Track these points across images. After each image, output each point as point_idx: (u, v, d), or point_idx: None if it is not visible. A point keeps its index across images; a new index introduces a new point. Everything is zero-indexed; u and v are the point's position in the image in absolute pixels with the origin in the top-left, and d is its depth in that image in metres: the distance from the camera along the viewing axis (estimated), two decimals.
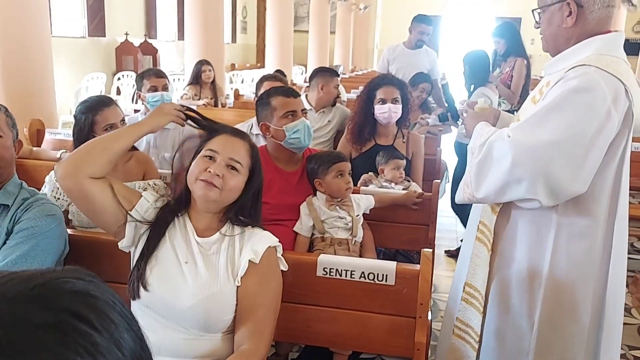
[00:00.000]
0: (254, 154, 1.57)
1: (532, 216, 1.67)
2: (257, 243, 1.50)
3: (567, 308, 1.67)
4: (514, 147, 1.53)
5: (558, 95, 1.54)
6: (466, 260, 1.84)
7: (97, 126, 2.25)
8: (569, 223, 1.62)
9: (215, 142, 1.53)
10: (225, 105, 5.61)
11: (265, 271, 1.49)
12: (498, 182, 1.58)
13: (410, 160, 2.97)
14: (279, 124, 2.23)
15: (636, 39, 12.84)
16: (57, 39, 7.26)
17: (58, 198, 2.25)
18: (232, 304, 1.46)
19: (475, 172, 1.64)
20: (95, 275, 0.55)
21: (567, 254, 1.64)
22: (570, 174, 1.51)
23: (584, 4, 1.60)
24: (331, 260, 1.68)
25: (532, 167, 1.51)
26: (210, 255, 1.50)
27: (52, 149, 3.31)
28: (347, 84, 7.60)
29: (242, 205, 1.55)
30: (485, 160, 1.62)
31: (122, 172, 2.36)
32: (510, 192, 1.58)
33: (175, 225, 1.55)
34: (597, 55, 1.58)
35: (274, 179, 2.24)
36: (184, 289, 1.45)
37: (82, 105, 2.31)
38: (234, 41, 15.41)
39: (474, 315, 1.77)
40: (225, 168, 1.49)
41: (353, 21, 15.35)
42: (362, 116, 2.97)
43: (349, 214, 2.23)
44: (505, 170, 1.55)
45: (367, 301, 1.64)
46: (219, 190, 1.48)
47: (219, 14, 6.74)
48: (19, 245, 1.56)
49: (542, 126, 1.52)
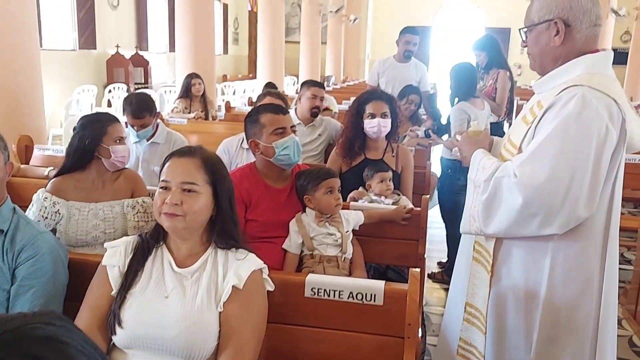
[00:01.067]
0: (209, 166, 1.51)
1: (528, 238, 1.67)
2: (241, 267, 1.49)
3: (565, 328, 1.67)
4: (524, 187, 1.54)
5: (557, 125, 1.54)
6: (462, 279, 1.84)
7: (107, 137, 2.27)
8: (566, 244, 1.62)
9: (165, 171, 1.50)
10: (216, 118, 5.60)
11: (249, 295, 1.47)
12: (509, 220, 1.59)
13: (400, 174, 2.97)
14: (268, 140, 2.23)
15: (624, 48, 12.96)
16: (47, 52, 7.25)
17: (46, 217, 2.23)
18: (216, 331, 1.45)
19: (483, 209, 1.65)
20: (67, 320, 0.54)
21: (563, 274, 1.64)
22: (582, 201, 1.52)
23: (571, 24, 1.61)
24: (319, 280, 1.67)
25: (544, 204, 1.52)
26: (192, 283, 1.49)
27: (40, 165, 3.29)
28: (338, 95, 7.63)
29: (222, 222, 1.53)
30: (494, 199, 1.62)
31: (110, 190, 2.36)
32: (523, 230, 1.59)
33: (153, 259, 1.53)
34: (588, 74, 1.59)
35: (262, 195, 2.24)
36: (166, 321, 1.43)
37: (89, 117, 2.35)
38: (226, 52, 15.45)
39: (477, 335, 1.77)
40: (182, 194, 1.46)
41: (344, 32, 15.43)
42: (352, 130, 2.98)
43: (338, 230, 2.22)
44: (517, 209, 1.55)
45: (355, 321, 1.63)
46: (182, 218, 1.45)
47: (209, 26, 6.76)
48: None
49: (547, 161, 1.52)
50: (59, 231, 2.25)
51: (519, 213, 1.56)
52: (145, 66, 10.07)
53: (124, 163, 2.36)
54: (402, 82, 4.71)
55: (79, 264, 1.76)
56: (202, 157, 1.51)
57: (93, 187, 2.33)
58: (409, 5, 17.57)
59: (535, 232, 1.58)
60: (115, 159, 2.30)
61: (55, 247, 1.67)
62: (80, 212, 2.26)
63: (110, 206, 2.30)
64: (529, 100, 1.84)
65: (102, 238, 2.25)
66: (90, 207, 2.28)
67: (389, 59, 5.13)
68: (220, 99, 10.07)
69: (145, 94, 3.32)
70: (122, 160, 2.33)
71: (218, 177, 1.51)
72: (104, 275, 1.53)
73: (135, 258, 1.53)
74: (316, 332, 1.67)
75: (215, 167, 1.52)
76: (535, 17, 1.66)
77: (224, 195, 1.52)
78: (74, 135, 2.32)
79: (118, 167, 2.35)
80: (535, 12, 1.66)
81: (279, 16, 9.70)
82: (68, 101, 7.74)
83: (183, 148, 1.57)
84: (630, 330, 3.16)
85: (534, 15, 1.67)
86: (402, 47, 4.97)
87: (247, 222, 2.19)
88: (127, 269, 1.52)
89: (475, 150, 1.78)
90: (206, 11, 6.63)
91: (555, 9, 1.61)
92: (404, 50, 4.95)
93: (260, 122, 2.27)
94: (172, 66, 9.97)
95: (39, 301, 1.60)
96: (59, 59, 8.43)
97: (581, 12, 1.61)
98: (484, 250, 1.75)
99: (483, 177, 1.66)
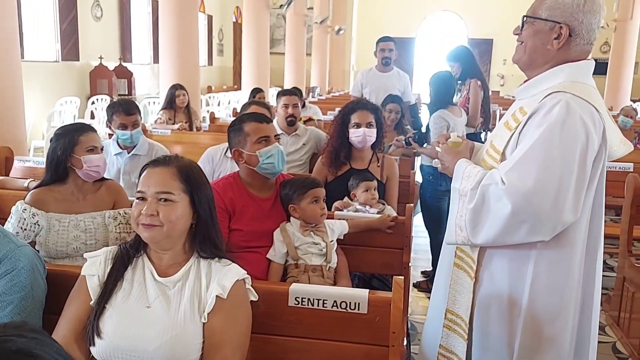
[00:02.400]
0: (184, 174, 1.48)
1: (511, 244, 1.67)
2: (225, 277, 1.47)
3: (547, 335, 1.66)
4: (512, 194, 1.54)
5: (542, 132, 1.55)
6: (443, 286, 1.83)
7: (79, 147, 2.22)
8: (548, 251, 1.63)
9: (141, 181, 1.48)
10: (200, 129, 5.58)
11: (233, 306, 1.45)
12: (499, 228, 1.58)
13: (385, 184, 2.98)
14: (252, 149, 2.22)
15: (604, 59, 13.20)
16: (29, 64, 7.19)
17: (25, 229, 2.19)
18: (199, 342, 1.43)
19: (470, 218, 1.64)
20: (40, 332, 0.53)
21: (546, 280, 1.64)
22: (568, 207, 1.53)
23: (573, 34, 1.62)
24: (303, 289, 1.65)
25: (533, 211, 1.53)
26: (174, 293, 1.47)
27: (21, 177, 3.25)
28: (323, 106, 7.65)
29: (202, 231, 1.50)
30: (481, 207, 1.62)
31: (91, 201, 2.33)
32: (511, 237, 1.59)
33: (134, 268, 1.51)
34: (571, 82, 1.61)
35: (247, 205, 2.22)
36: (147, 331, 1.41)
37: (64, 127, 2.31)
38: (210, 64, 15.44)
39: (458, 342, 1.76)
40: (158, 203, 1.44)
41: (329, 43, 15.52)
42: (338, 140, 2.99)
43: (323, 239, 2.21)
44: (506, 216, 1.55)
45: (340, 330, 1.62)
46: (160, 228, 1.44)
47: (193, 37, 6.75)
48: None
49: (534, 168, 1.53)
50: (39, 243, 2.22)
51: (508, 220, 1.56)
52: (129, 77, 10.02)
53: (99, 173, 2.30)
54: (386, 91, 4.75)
55: (58, 276, 1.72)
56: (177, 166, 1.49)
57: (73, 199, 2.30)
58: (393, 16, 17.76)
59: (523, 239, 1.58)
60: (87, 168, 2.24)
61: (34, 260, 1.64)
62: (60, 223, 2.23)
63: (91, 217, 2.27)
64: (511, 106, 1.85)
65: (82, 249, 2.21)
66: (71, 218, 2.25)
67: (371, 69, 5.18)
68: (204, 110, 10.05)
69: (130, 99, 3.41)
70: (96, 170, 2.27)
71: (195, 185, 1.49)
72: (83, 285, 1.50)
73: (115, 267, 1.51)
74: (301, 342, 1.65)
75: (191, 175, 1.49)
76: (543, 13, 1.64)
77: (202, 203, 1.49)
78: (49, 147, 2.29)
79: (93, 177, 2.29)
80: (545, 8, 1.64)
81: (264, 27, 9.73)
82: (50, 113, 7.67)
83: (159, 157, 1.53)
84: (614, 337, 3.18)
85: (543, 10, 1.65)
86: (379, 55, 5.09)
87: (232, 232, 2.18)
88: (107, 278, 1.49)
89: (457, 161, 1.78)
90: (190, 22, 6.63)
91: (567, 15, 1.61)
92: (382, 58, 5.06)
93: (244, 130, 2.26)
94: (156, 77, 9.95)
95: (17, 317, 1.56)
96: (42, 70, 8.36)
97: (587, 28, 1.62)
98: (467, 256, 1.75)
99: (469, 185, 1.66)
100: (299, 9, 12.14)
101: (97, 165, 2.26)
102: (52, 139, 2.28)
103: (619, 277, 3.31)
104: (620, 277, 3.27)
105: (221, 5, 16.08)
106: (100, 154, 2.28)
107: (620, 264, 3.31)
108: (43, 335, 0.53)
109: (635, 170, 3.56)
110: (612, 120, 1.68)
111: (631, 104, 9.77)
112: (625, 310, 3.17)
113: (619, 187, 3.42)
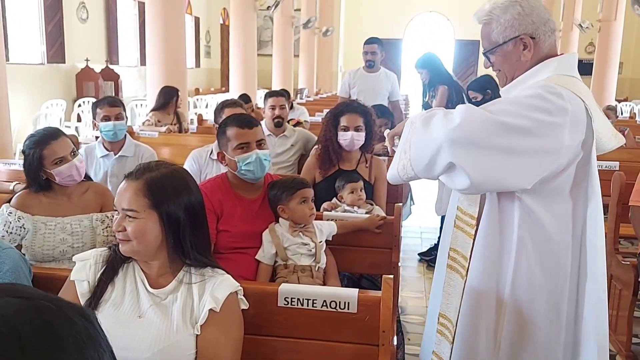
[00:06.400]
0: (152, 189, 1.42)
1: (497, 238, 1.67)
2: (218, 289, 1.44)
3: (529, 333, 1.66)
4: (464, 112, 1.52)
5: (519, 95, 1.58)
6: (439, 290, 1.83)
7: (46, 161, 2.18)
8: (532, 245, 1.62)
9: (116, 195, 1.47)
10: (187, 131, 5.55)
11: (226, 319, 1.43)
12: (442, 132, 1.52)
13: (373, 185, 2.98)
14: (232, 154, 2.21)
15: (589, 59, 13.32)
16: (13, 66, 7.12)
17: (10, 232, 2.17)
18: (191, 352, 1.41)
19: (420, 126, 1.59)
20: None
21: (528, 275, 1.63)
22: (514, 164, 1.51)
23: (535, 35, 1.65)
24: (292, 289, 1.65)
25: (475, 133, 1.50)
26: (166, 304, 1.44)
27: (6, 180, 3.21)
28: (311, 107, 7.65)
29: (182, 242, 1.44)
30: (429, 117, 1.59)
31: (78, 204, 2.31)
32: (440, 157, 1.53)
33: (125, 274, 1.49)
34: (556, 76, 1.63)
35: (235, 206, 2.22)
36: (139, 342, 1.39)
37: (30, 140, 2.23)
38: (198, 66, 15.38)
39: (445, 345, 1.75)
40: (126, 219, 1.42)
41: (316, 45, 15.52)
42: (327, 141, 2.98)
43: (312, 240, 2.21)
44: (450, 128, 1.50)
45: (330, 330, 1.62)
46: (130, 242, 1.42)
47: (180, 39, 6.71)
48: None
49: (498, 109, 1.53)
50: (25, 246, 2.20)
51: (449, 131, 1.50)
52: (115, 80, 9.94)
53: (75, 180, 2.26)
54: (374, 91, 4.76)
55: (44, 279, 1.71)
56: (145, 180, 1.42)
57: (59, 202, 2.28)
58: (381, 18, 17.80)
59: (447, 158, 1.52)
60: (61, 180, 2.22)
61: (19, 262, 1.62)
62: (46, 226, 2.21)
63: (78, 220, 2.25)
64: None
65: (69, 252, 2.19)
66: (57, 221, 2.22)
67: (359, 69, 5.18)
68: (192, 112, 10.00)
69: None
70: (70, 179, 2.24)
71: (162, 200, 1.42)
72: (72, 290, 1.47)
73: (106, 272, 1.48)
74: (290, 342, 1.64)
75: (160, 191, 1.42)
76: (498, 38, 1.68)
77: (172, 217, 1.43)
78: (24, 158, 2.24)
79: (72, 183, 2.26)
80: (497, 34, 1.68)
81: (251, 29, 9.70)
82: (36, 115, 7.59)
83: (134, 169, 1.48)
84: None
85: (496, 37, 1.69)
86: (363, 58, 5.14)
87: (220, 233, 2.17)
88: (97, 284, 1.47)
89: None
90: (177, 24, 6.59)
91: (519, 26, 1.65)
92: (366, 60, 5.10)
93: (226, 134, 2.25)
94: (143, 80, 9.88)
95: None
96: (27, 73, 8.26)
97: (542, 22, 1.66)
98: (459, 255, 1.74)
99: (420, 114, 1.66)
100: (286, 11, 12.13)
101: (68, 175, 2.22)
102: (23, 151, 2.24)
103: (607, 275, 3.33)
104: (607, 275, 3.30)
105: (208, 7, 16.03)
106: (69, 162, 2.21)
107: (608, 262, 3.31)
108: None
109: (621, 169, 3.60)
110: (601, 113, 1.69)
111: (616, 104, 9.88)
112: (612, 307, 3.19)
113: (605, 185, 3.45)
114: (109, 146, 3.22)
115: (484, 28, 1.73)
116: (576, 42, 14.65)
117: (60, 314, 0.59)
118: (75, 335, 0.58)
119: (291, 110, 5.38)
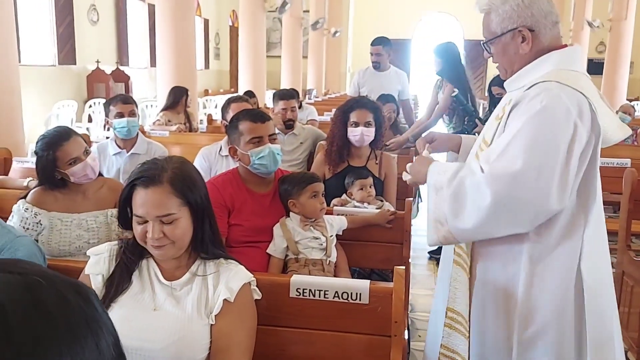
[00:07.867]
0: (178, 187, 1.42)
1: (504, 239, 1.64)
2: (232, 280, 1.46)
3: (543, 331, 1.64)
4: (492, 182, 1.49)
5: (524, 120, 1.53)
6: (444, 284, 1.82)
7: (60, 162, 2.19)
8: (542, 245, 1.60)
9: (136, 205, 1.43)
10: (197, 130, 5.59)
11: (240, 310, 1.45)
12: (478, 219, 1.52)
13: (383, 181, 2.98)
14: (245, 148, 2.22)
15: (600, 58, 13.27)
16: (26, 68, 7.19)
17: (27, 228, 2.20)
18: (206, 342, 1.43)
19: (450, 208, 1.57)
20: None
21: (541, 275, 1.61)
22: (553, 194, 1.49)
23: (535, 28, 1.63)
24: (304, 280, 1.66)
25: (514, 197, 1.48)
26: (181, 295, 1.46)
27: (19, 178, 3.25)
28: (319, 107, 7.66)
29: (202, 231, 1.48)
30: (461, 197, 1.56)
31: (93, 200, 2.33)
32: (492, 229, 1.54)
33: (140, 267, 1.51)
34: (557, 70, 1.61)
35: (246, 201, 2.23)
36: (154, 333, 1.40)
37: (42, 141, 2.22)
38: (207, 67, 15.45)
39: (460, 340, 1.72)
40: (161, 225, 1.41)
41: (325, 46, 15.54)
42: (337, 137, 2.99)
43: (322, 234, 2.22)
44: (486, 207, 1.49)
45: (341, 321, 1.63)
46: (172, 244, 1.43)
47: (190, 41, 6.76)
48: None
49: (514, 154, 1.49)
50: (41, 242, 2.22)
51: (488, 210, 1.50)
52: (126, 81, 10.02)
53: (90, 178, 2.27)
54: (384, 90, 4.73)
55: (59, 271, 1.73)
56: (168, 181, 1.42)
57: (75, 198, 2.30)
58: (389, 18, 17.79)
59: (502, 230, 1.53)
60: (75, 180, 2.23)
61: (33, 249, 1.64)
62: (62, 222, 2.23)
63: (94, 216, 2.28)
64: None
65: (85, 248, 2.20)
66: (73, 217, 2.25)
67: (368, 68, 5.17)
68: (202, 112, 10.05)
69: None
70: (85, 178, 2.25)
71: (189, 192, 1.44)
72: (87, 284, 1.50)
73: (120, 265, 1.50)
74: (302, 333, 1.65)
75: (184, 184, 1.44)
76: (497, 29, 1.67)
77: (199, 207, 1.46)
78: (36, 159, 2.26)
79: (87, 181, 2.27)
80: (496, 24, 1.67)
81: (260, 31, 9.75)
82: (47, 116, 7.67)
83: (146, 174, 1.43)
84: None
85: (495, 28, 1.68)
86: (370, 59, 5.08)
87: (231, 227, 2.18)
88: (111, 276, 1.49)
89: (430, 164, 1.71)
90: (187, 26, 6.64)
91: (517, 18, 1.63)
92: (372, 61, 5.06)
93: (239, 129, 2.26)
94: (153, 81, 9.95)
95: None
96: (39, 74, 8.35)
97: (542, 15, 1.63)
98: (463, 252, 1.74)
99: (445, 178, 1.61)
100: (295, 12, 12.17)
101: (83, 174, 2.24)
102: (36, 152, 2.25)
103: (617, 272, 3.32)
104: (620, 272, 3.29)
105: (217, 9, 16.11)
106: (83, 162, 2.22)
107: (619, 259, 3.32)
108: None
109: (632, 166, 3.58)
110: (606, 105, 1.66)
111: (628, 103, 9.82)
112: (624, 304, 3.18)
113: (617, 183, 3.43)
114: (121, 144, 3.25)
115: (484, 17, 1.72)
116: (587, 41, 14.57)
117: (51, 290, 0.56)
118: (67, 314, 0.55)
119: (300, 110, 5.39)
